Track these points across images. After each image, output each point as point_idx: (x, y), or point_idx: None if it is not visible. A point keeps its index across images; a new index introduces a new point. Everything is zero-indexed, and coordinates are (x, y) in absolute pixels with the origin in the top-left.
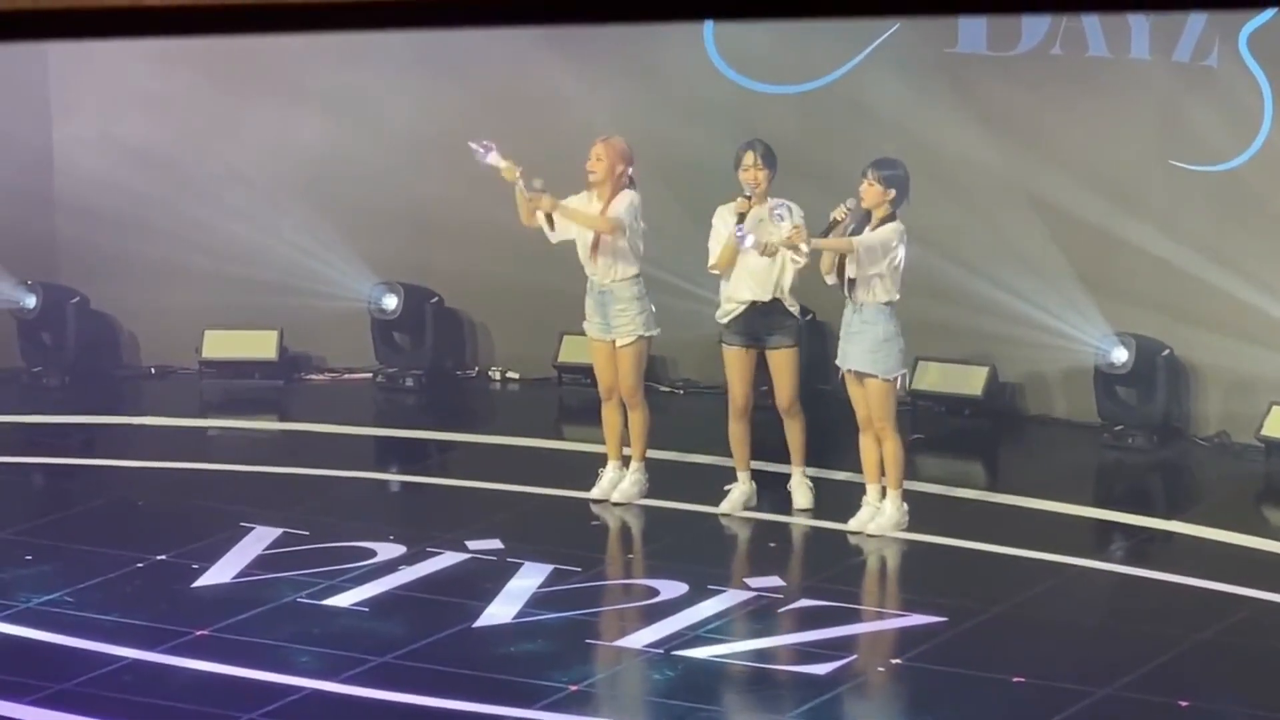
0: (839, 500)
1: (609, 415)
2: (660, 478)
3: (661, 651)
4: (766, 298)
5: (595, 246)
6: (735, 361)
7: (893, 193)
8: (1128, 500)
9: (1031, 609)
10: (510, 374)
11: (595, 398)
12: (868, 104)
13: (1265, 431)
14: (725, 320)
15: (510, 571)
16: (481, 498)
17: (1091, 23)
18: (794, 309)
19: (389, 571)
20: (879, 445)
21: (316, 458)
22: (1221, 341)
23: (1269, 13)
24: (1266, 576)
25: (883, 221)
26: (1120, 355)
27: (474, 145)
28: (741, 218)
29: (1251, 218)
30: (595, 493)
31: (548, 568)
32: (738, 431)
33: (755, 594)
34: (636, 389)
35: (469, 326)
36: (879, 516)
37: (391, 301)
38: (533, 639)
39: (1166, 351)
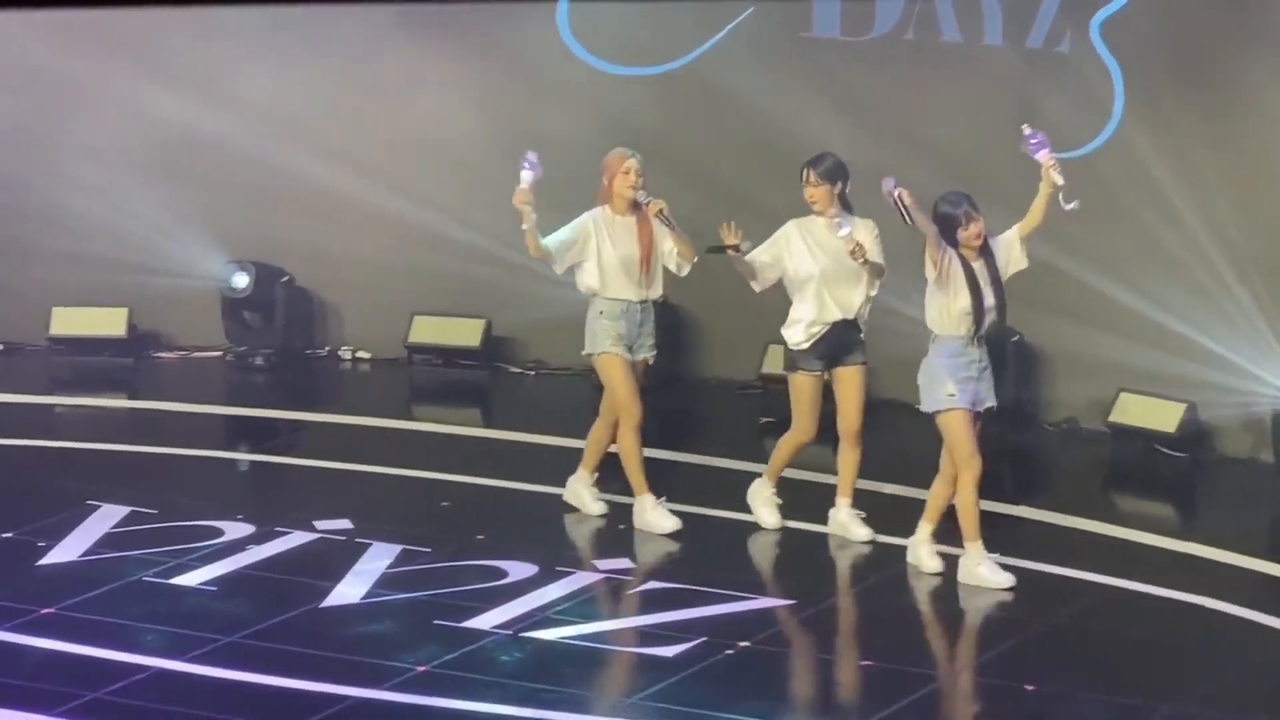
0: (693, 484)
1: (639, 443)
2: (511, 460)
3: (510, 633)
4: (852, 314)
5: (648, 260)
6: (813, 390)
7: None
8: (981, 488)
9: (880, 593)
10: (361, 353)
11: (447, 379)
12: (722, 87)
13: (1113, 418)
14: (807, 345)
15: (359, 552)
16: (331, 477)
17: (945, 8)
18: (864, 325)
19: (237, 551)
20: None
21: (165, 436)
22: (1070, 328)
23: (1120, 0)
24: (1113, 562)
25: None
26: None
27: (530, 157)
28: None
29: (1102, 205)
30: (671, 525)
31: (397, 548)
32: (786, 455)
33: (604, 576)
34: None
35: (320, 305)
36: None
37: (242, 280)
38: (381, 619)
39: (1016, 338)
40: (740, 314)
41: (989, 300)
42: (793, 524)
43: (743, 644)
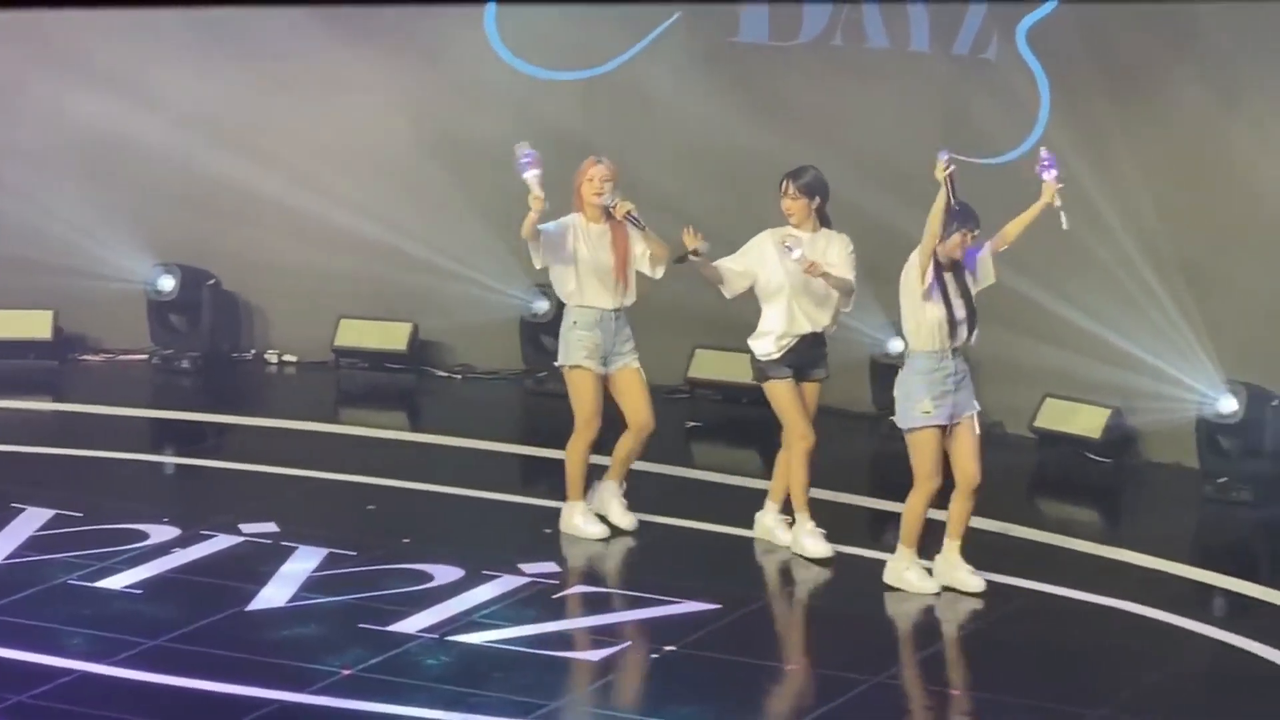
0: (633, 491)
1: (587, 454)
2: (438, 464)
3: (436, 636)
4: (821, 328)
5: (623, 270)
6: (791, 393)
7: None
8: (902, 490)
9: (805, 597)
10: (287, 357)
11: (373, 382)
12: (649, 91)
13: (1038, 423)
14: (778, 355)
15: (285, 555)
16: (257, 481)
17: (872, 14)
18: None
19: (163, 554)
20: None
21: (91, 439)
22: (996, 333)
23: (1047, 6)
24: (1039, 567)
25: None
26: (895, 347)
27: (524, 150)
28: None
29: (1026, 209)
30: (596, 532)
31: (323, 551)
32: (803, 473)
33: (530, 579)
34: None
35: (246, 309)
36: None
37: (168, 283)
38: (306, 623)
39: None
40: (667, 319)
41: (960, 313)
42: (720, 528)
43: (668, 648)
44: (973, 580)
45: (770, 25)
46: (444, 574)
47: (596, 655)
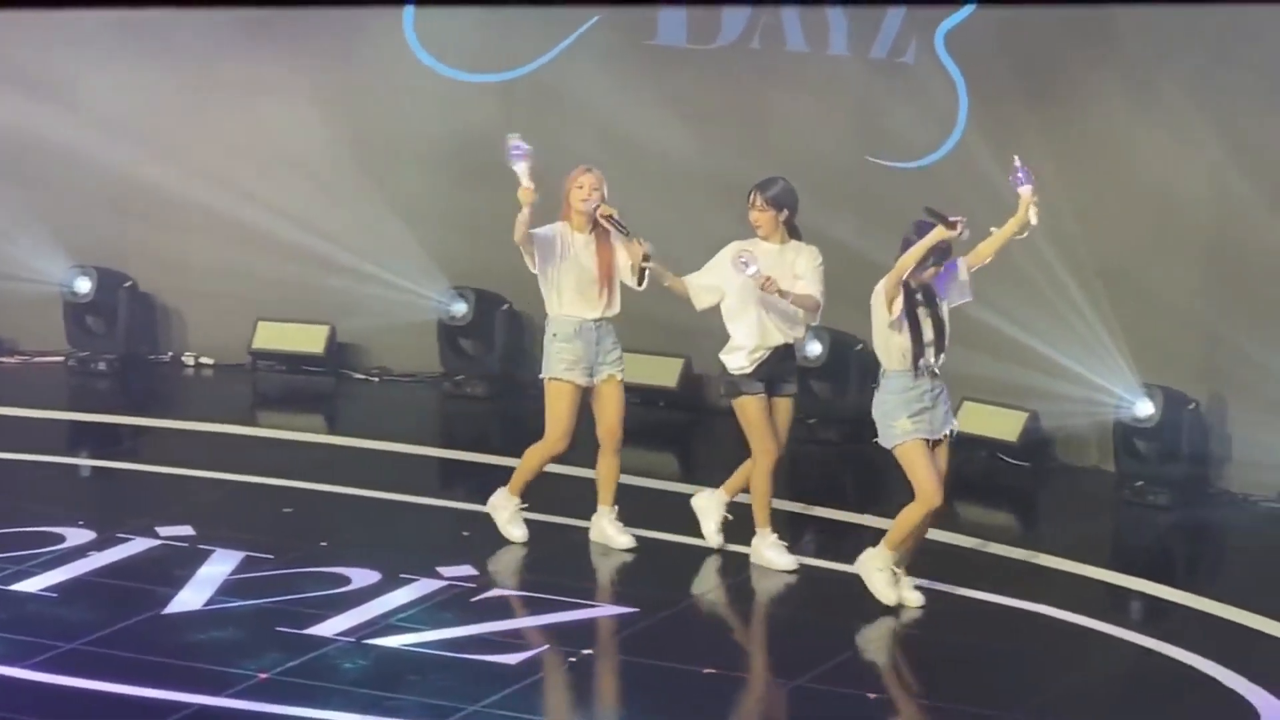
0: (537, 492)
1: (540, 465)
2: (355, 466)
3: (353, 640)
4: (793, 339)
5: (608, 277)
6: (761, 410)
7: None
8: (822, 494)
9: (723, 601)
10: (204, 359)
11: (290, 385)
12: (568, 94)
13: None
14: (750, 369)
15: (202, 558)
16: (174, 484)
17: (790, 17)
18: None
19: (78, 557)
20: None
21: (6, 441)
22: None
23: (965, 11)
24: (955, 570)
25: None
26: (815, 349)
27: (513, 142)
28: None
29: (946, 214)
30: (626, 542)
31: (240, 555)
32: (766, 486)
33: (448, 583)
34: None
35: (163, 311)
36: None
37: (85, 285)
38: (223, 626)
39: (859, 346)
40: None
41: (928, 335)
42: (638, 532)
43: (585, 652)
44: (913, 595)
45: (688, 28)
46: (361, 577)
47: (514, 659)
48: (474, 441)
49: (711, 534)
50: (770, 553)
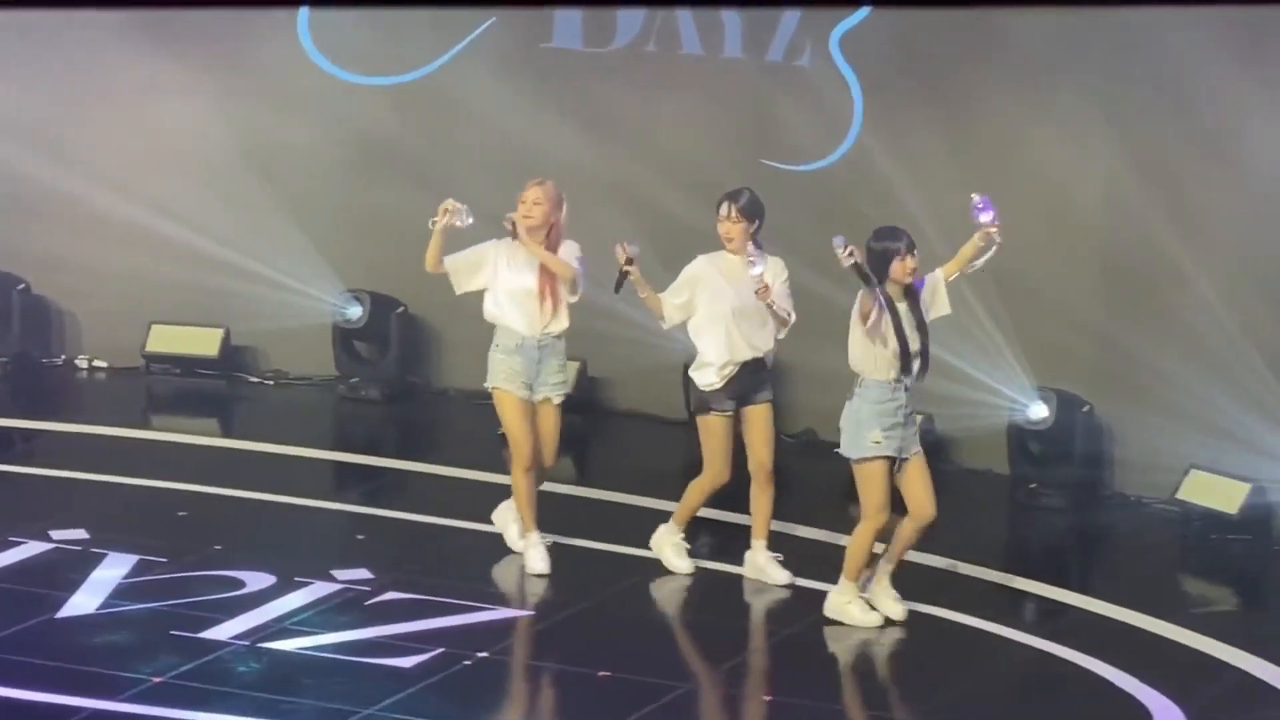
0: (433, 495)
1: (528, 481)
2: (249, 470)
3: (247, 643)
4: (762, 353)
5: (550, 295)
6: (726, 430)
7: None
8: (714, 497)
9: (618, 604)
10: (98, 362)
11: (185, 388)
12: (463, 97)
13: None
14: (720, 385)
15: (95, 562)
16: (67, 487)
17: (686, 20)
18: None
19: None
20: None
21: None
22: (807, 339)
23: (860, 14)
24: None
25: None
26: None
27: (456, 205)
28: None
29: (841, 217)
30: (541, 567)
31: (133, 558)
32: (698, 500)
33: (343, 586)
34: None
35: (56, 314)
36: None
37: None
38: (117, 630)
39: None
40: (479, 324)
41: (914, 345)
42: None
43: (481, 655)
44: (897, 607)
45: (583, 31)
46: (256, 580)
47: (409, 662)
48: (369, 445)
49: (781, 578)
50: (670, 552)
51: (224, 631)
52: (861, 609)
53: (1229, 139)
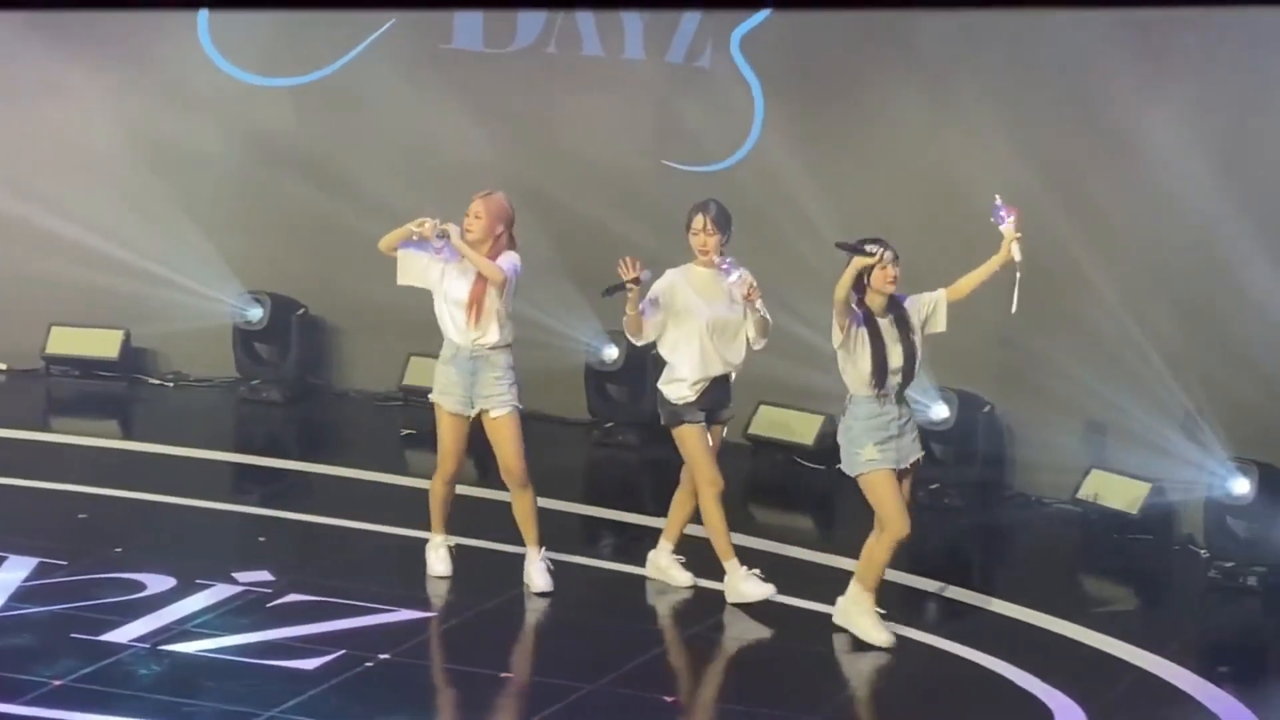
0: (335, 496)
1: (445, 490)
2: (150, 472)
3: (148, 646)
4: (732, 369)
5: (475, 306)
6: (703, 438)
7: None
8: (617, 497)
9: (520, 605)
10: None
11: (84, 390)
12: (363, 98)
13: (753, 430)
14: (693, 398)
15: None
16: None
17: (586, 22)
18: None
19: None
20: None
21: None
22: None
23: (760, 15)
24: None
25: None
26: (611, 354)
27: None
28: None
29: (740, 217)
30: (442, 570)
31: (33, 561)
32: (718, 517)
33: (244, 588)
34: (524, 465)
35: None
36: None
37: None
38: (17, 633)
39: (654, 351)
40: (380, 326)
41: (895, 360)
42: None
43: (383, 656)
44: (883, 635)
45: (484, 32)
46: (156, 583)
47: (310, 664)
48: (270, 447)
49: (684, 580)
50: (744, 585)
51: (125, 634)
52: (873, 623)
53: (1129, 139)
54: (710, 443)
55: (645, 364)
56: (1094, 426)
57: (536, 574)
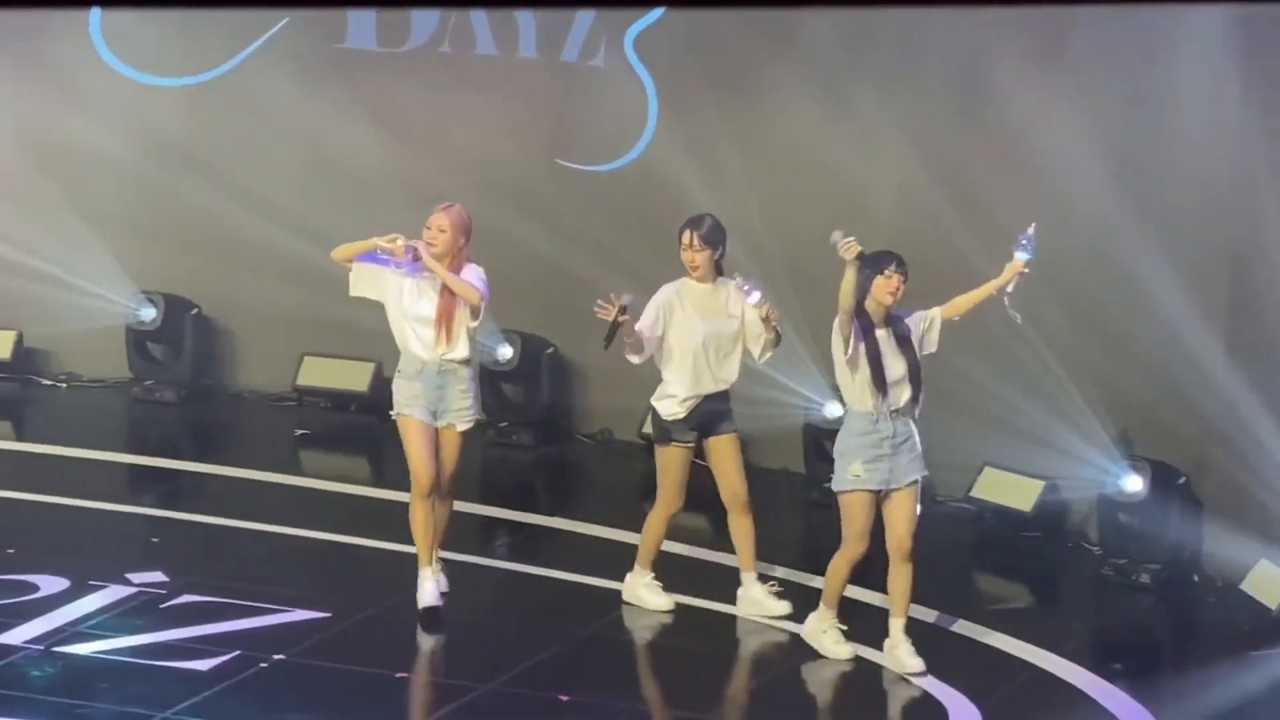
0: (228, 497)
1: (426, 510)
2: (42, 473)
3: (42, 648)
4: (726, 386)
5: (445, 320)
6: (684, 462)
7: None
8: (512, 497)
9: (415, 605)
10: None
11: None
12: (257, 98)
13: (647, 429)
14: (683, 415)
15: None
16: None
17: (480, 21)
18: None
19: None
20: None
21: None
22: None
23: (654, 14)
24: (654, 574)
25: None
26: (505, 353)
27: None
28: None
29: (634, 217)
30: (431, 601)
31: None
32: (658, 533)
33: (138, 589)
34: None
35: None
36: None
37: None
38: None
39: (551, 349)
40: (274, 325)
41: (893, 374)
42: (329, 536)
43: (278, 657)
44: (912, 661)
45: (378, 31)
46: (49, 584)
47: (206, 665)
48: (163, 447)
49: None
50: (643, 591)
51: (18, 636)
52: (834, 639)
53: (1020, 140)
54: (710, 457)
55: (540, 364)
56: (987, 424)
57: (428, 591)
